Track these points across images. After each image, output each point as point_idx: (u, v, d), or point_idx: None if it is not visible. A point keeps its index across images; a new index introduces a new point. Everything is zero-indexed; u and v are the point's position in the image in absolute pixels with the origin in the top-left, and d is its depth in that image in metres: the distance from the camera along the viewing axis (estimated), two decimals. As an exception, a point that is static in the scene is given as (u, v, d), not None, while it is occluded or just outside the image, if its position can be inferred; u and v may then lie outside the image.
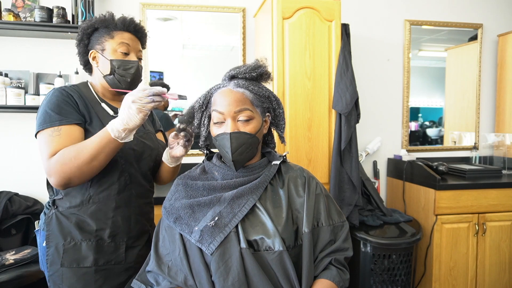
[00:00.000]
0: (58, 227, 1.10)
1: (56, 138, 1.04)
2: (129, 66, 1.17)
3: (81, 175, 1.02)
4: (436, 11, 2.67)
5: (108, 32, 1.17)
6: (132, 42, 1.20)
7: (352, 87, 1.96)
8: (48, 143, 1.03)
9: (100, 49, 1.17)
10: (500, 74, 2.72)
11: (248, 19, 2.40)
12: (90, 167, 1.02)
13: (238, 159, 0.93)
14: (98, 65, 1.19)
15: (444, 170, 2.26)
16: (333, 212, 1.00)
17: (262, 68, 1.00)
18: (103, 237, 1.12)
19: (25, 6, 2.11)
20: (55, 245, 1.10)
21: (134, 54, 1.20)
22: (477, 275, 2.17)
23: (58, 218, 1.11)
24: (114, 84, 1.17)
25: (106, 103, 1.19)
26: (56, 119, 1.05)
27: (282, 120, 1.05)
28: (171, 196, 0.99)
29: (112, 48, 1.16)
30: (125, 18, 1.20)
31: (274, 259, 0.85)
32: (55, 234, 1.10)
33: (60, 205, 1.12)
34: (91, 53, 1.19)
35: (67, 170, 1.00)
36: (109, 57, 1.16)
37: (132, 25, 1.20)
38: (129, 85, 1.18)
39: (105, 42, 1.17)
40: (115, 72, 1.16)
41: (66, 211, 1.11)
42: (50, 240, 1.11)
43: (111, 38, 1.17)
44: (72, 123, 1.07)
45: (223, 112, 0.93)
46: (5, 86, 1.98)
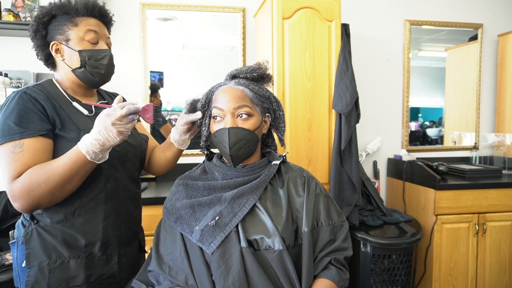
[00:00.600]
0: (40, 245, 0.96)
1: (18, 156, 0.89)
2: (101, 56, 1.04)
3: (52, 199, 0.92)
4: (436, 11, 2.67)
5: (69, 19, 1.01)
6: (100, 29, 1.05)
7: (352, 87, 1.96)
8: (10, 162, 0.89)
9: (64, 39, 1.01)
10: (500, 74, 2.72)
11: (248, 19, 2.40)
12: (63, 191, 0.92)
13: (236, 154, 0.93)
14: (64, 58, 1.03)
15: (444, 170, 2.26)
16: (333, 212, 1.00)
17: (263, 70, 1.01)
18: (93, 251, 1.00)
19: (25, 6, 2.11)
20: (38, 265, 0.96)
21: (104, 41, 1.06)
22: (477, 275, 2.17)
23: (40, 235, 0.97)
24: (85, 78, 1.04)
25: (78, 102, 1.05)
26: (16, 132, 0.90)
27: (282, 123, 1.05)
28: (171, 196, 0.99)
29: (78, 37, 1.01)
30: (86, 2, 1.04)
31: (274, 258, 0.85)
32: (37, 252, 0.96)
33: (40, 220, 0.98)
34: (53, 45, 1.02)
35: (35, 196, 0.88)
36: (77, 48, 1.01)
37: (97, 9, 1.05)
38: (103, 78, 1.06)
39: (68, 31, 1.01)
40: (86, 64, 1.02)
41: (49, 227, 0.97)
42: (32, 260, 0.96)
43: (74, 26, 1.01)
44: (36, 135, 0.92)
45: (222, 108, 0.94)
46: (5, 86, 1.98)
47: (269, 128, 1.07)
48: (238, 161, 0.96)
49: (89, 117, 1.05)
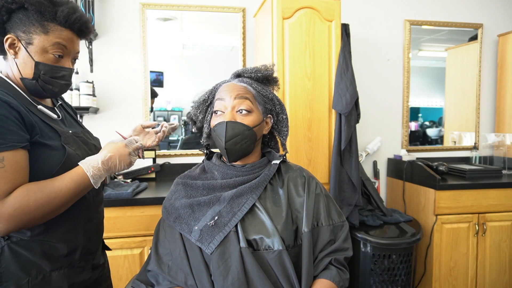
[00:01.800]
0: (15, 263, 0.86)
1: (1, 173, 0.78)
2: (60, 74, 0.92)
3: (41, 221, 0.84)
4: (436, 11, 2.67)
5: (41, 21, 0.87)
6: (71, 44, 0.93)
7: (352, 87, 1.96)
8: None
9: (25, 39, 0.87)
10: (500, 74, 2.72)
11: (248, 19, 2.40)
12: (57, 213, 0.86)
13: (232, 148, 0.93)
14: (16, 58, 0.89)
15: (444, 170, 2.26)
16: (333, 212, 1.00)
17: (268, 72, 1.02)
18: (74, 259, 0.95)
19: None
20: (15, 284, 0.85)
21: (70, 58, 0.95)
22: (477, 275, 2.17)
23: (13, 251, 0.86)
24: (34, 90, 0.91)
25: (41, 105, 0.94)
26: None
27: (285, 127, 1.05)
28: (171, 195, 0.99)
29: (42, 47, 0.88)
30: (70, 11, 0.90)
31: (274, 258, 0.85)
32: (12, 271, 0.85)
33: (15, 235, 0.87)
34: (9, 38, 0.88)
35: (28, 219, 0.81)
36: (36, 57, 0.88)
37: (78, 24, 0.92)
38: (54, 95, 0.96)
39: (33, 34, 0.87)
40: (40, 78, 0.90)
41: (25, 241, 0.87)
42: (5, 280, 0.85)
43: (43, 33, 0.87)
44: (16, 147, 0.81)
45: (224, 102, 0.95)
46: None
47: (272, 131, 1.07)
48: (233, 156, 0.95)
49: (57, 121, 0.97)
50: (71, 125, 1.04)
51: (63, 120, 1.01)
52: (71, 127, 1.02)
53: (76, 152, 0.93)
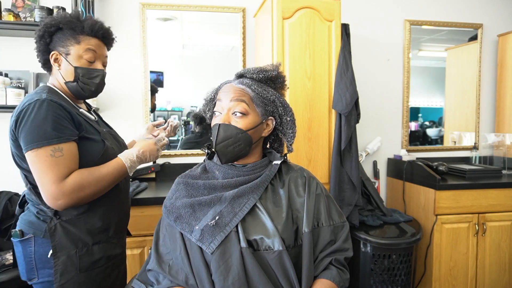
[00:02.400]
0: (67, 237, 1.08)
1: (60, 160, 1.00)
2: (94, 75, 1.15)
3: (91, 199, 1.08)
4: (436, 11, 2.67)
5: (73, 35, 1.11)
6: (99, 49, 1.17)
7: (352, 87, 1.96)
8: (53, 165, 0.99)
9: (64, 52, 1.12)
10: (500, 74, 2.72)
11: (248, 19, 2.40)
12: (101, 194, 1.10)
13: (223, 150, 0.93)
14: (60, 69, 1.13)
15: (444, 170, 2.26)
16: (334, 212, 1.00)
17: (270, 72, 1.00)
18: (110, 234, 1.17)
19: (25, 6, 2.11)
20: (66, 254, 1.08)
21: (100, 61, 1.18)
22: (477, 275, 2.17)
23: (64, 228, 1.08)
24: (76, 91, 1.15)
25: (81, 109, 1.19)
26: (54, 136, 1.00)
27: (290, 129, 1.02)
28: (171, 195, 0.99)
29: (78, 54, 1.12)
30: (94, 23, 1.14)
31: (274, 258, 0.85)
32: (63, 243, 1.08)
33: (64, 214, 1.09)
34: (53, 55, 1.13)
35: (82, 197, 1.04)
36: (74, 64, 1.12)
37: (101, 32, 1.16)
38: (92, 94, 1.18)
39: (70, 46, 1.11)
40: (79, 80, 1.13)
41: (73, 219, 1.10)
42: (59, 250, 1.07)
43: (77, 43, 1.11)
44: (70, 140, 1.04)
45: (221, 104, 0.96)
46: (5, 86, 1.98)
47: (276, 133, 1.06)
48: (225, 158, 0.95)
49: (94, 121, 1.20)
50: (103, 125, 1.30)
51: (98, 121, 1.25)
52: (104, 127, 1.27)
53: (112, 146, 1.17)
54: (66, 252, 1.08)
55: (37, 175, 1.01)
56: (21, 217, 1.15)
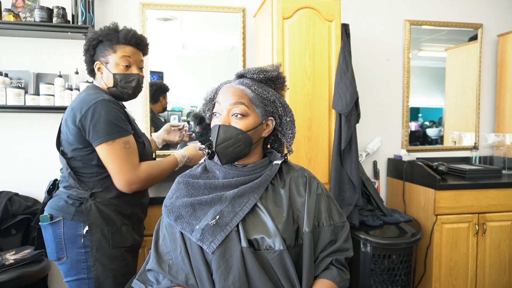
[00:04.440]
0: (100, 216, 1.22)
1: (131, 151, 1.21)
2: (131, 79, 1.30)
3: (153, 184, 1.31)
4: (436, 11, 2.67)
5: (111, 45, 1.26)
6: (133, 55, 1.30)
7: (352, 87, 1.96)
8: (129, 155, 1.20)
9: (104, 61, 1.28)
10: (500, 74, 2.72)
11: (248, 19, 2.40)
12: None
13: (223, 152, 0.93)
14: (102, 76, 1.30)
15: (444, 170, 2.26)
16: (334, 212, 1.00)
17: (270, 73, 0.99)
18: (135, 220, 1.33)
19: (25, 6, 2.11)
20: (100, 231, 1.22)
21: (135, 66, 1.31)
22: (477, 275, 2.17)
23: (98, 208, 1.22)
24: (117, 94, 1.31)
25: None
26: (121, 130, 1.19)
27: (289, 130, 1.02)
28: (172, 194, 0.99)
29: (115, 62, 1.27)
30: (127, 32, 1.28)
31: (275, 258, 0.85)
32: (98, 221, 1.22)
33: (99, 196, 1.24)
34: (96, 64, 1.29)
35: (149, 184, 1.27)
36: (112, 71, 1.27)
37: (134, 39, 1.29)
38: (130, 96, 1.34)
39: (108, 56, 1.27)
40: (118, 85, 1.28)
41: (106, 201, 1.24)
42: (93, 228, 1.21)
43: (113, 52, 1.26)
44: (131, 133, 1.23)
45: (220, 105, 0.96)
46: (5, 86, 1.98)
47: (276, 133, 1.06)
48: (225, 159, 0.95)
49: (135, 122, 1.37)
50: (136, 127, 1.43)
51: None
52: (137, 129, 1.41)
53: (148, 145, 1.36)
54: (100, 229, 1.22)
55: (114, 164, 1.18)
56: (49, 203, 1.28)
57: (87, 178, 1.25)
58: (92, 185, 1.24)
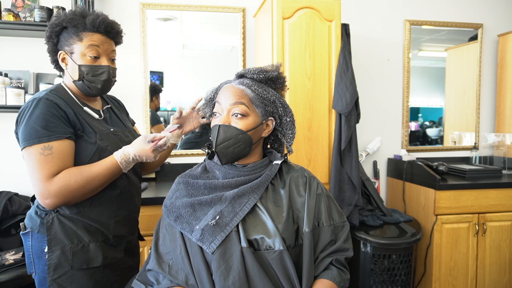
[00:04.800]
0: (62, 231, 1.07)
1: (49, 158, 1.00)
2: (99, 72, 1.12)
3: (81, 199, 1.06)
4: (436, 11, 2.67)
5: (76, 32, 1.09)
6: (103, 44, 1.13)
7: (352, 87, 1.96)
8: (41, 164, 0.99)
9: (69, 51, 1.11)
10: (500, 74, 2.72)
11: (248, 19, 2.40)
12: (93, 194, 1.08)
13: (223, 152, 0.93)
14: (67, 68, 1.13)
15: (444, 170, 2.26)
16: (334, 212, 1.00)
17: (270, 73, 0.99)
18: (109, 236, 1.13)
19: (25, 6, 2.11)
20: (60, 249, 1.07)
21: (106, 57, 1.14)
22: (477, 275, 2.17)
23: (61, 222, 1.08)
24: (83, 89, 1.14)
25: (87, 107, 1.16)
26: (44, 135, 1.00)
27: (290, 130, 1.02)
28: (172, 194, 0.99)
29: (81, 52, 1.10)
30: (95, 17, 1.10)
31: (275, 258, 0.85)
32: (59, 237, 1.07)
33: (63, 208, 1.09)
34: (60, 54, 1.13)
35: (70, 196, 1.02)
36: (78, 62, 1.10)
37: (103, 26, 1.11)
38: (99, 91, 1.15)
39: (73, 44, 1.10)
40: (84, 78, 1.11)
41: (70, 215, 1.09)
42: (53, 244, 1.07)
43: (79, 40, 1.09)
44: (62, 137, 1.03)
45: (220, 105, 0.96)
46: (5, 86, 1.98)
47: (276, 134, 1.06)
48: (225, 159, 0.95)
49: (99, 120, 1.17)
50: (115, 124, 1.25)
51: (107, 119, 1.21)
52: (114, 126, 1.22)
53: (108, 148, 1.12)
54: (61, 247, 1.07)
55: (29, 173, 1.02)
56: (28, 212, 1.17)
57: None
58: None
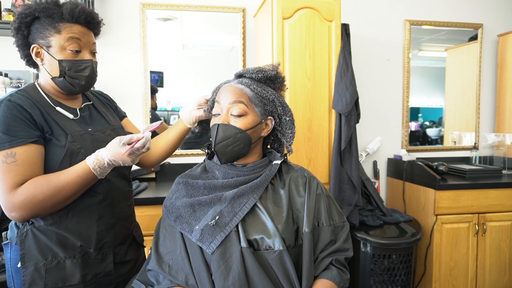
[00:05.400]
0: (36, 245, 0.97)
1: (12, 166, 0.89)
2: (82, 67, 1.01)
3: (53, 210, 0.94)
4: (436, 11, 2.67)
5: (52, 24, 0.97)
6: (84, 37, 1.01)
7: (352, 87, 1.96)
8: (4, 173, 0.89)
9: (45, 44, 0.98)
10: (500, 74, 2.72)
11: (248, 19, 2.40)
12: (66, 203, 0.95)
13: (223, 151, 0.93)
14: (43, 63, 1.01)
15: (444, 170, 2.26)
16: (334, 212, 1.00)
17: (269, 72, 0.99)
18: (89, 251, 1.01)
19: (25, 6, 2.11)
20: (34, 265, 0.96)
21: (87, 50, 1.03)
22: (477, 275, 2.17)
23: (35, 235, 0.97)
24: (65, 87, 1.02)
25: (61, 106, 1.04)
26: (5, 141, 0.89)
27: (289, 129, 1.02)
28: (171, 194, 0.99)
29: (60, 45, 0.98)
30: (73, 6, 0.99)
31: (274, 258, 0.85)
32: (32, 253, 0.97)
33: (34, 221, 0.98)
34: (34, 48, 1.00)
35: (37, 208, 0.90)
36: (58, 57, 0.98)
37: (83, 16, 1.00)
38: (82, 88, 1.04)
39: (50, 37, 0.98)
40: (66, 74, 1.00)
41: (44, 227, 0.98)
42: (27, 260, 0.97)
43: (57, 33, 0.97)
44: (26, 142, 0.91)
45: (219, 104, 0.96)
46: (5, 86, 1.98)
47: (275, 133, 1.06)
48: (225, 158, 0.95)
49: (74, 120, 1.05)
50: (96, 123, 1.11)
51: (85, 119, 1.08)
52: (93, 125, 1.09)
53: (81, 150, 0.99)
54: (34, 263, 0.97)
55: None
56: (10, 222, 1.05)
57: None
58: None
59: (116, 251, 1.08)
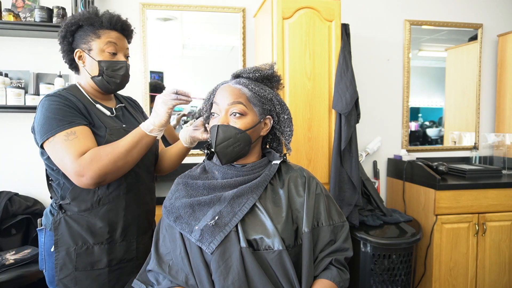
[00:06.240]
0: (68, 232, 1.09)
1: (75, 141, 0.99)
2: (118, 67, 1.16)
3: (116, 170, 1.02)
4: (436, 11, 2.67)
5: (93, 30, 1.13)
6: (120, 41, 1.17)
7: (352, 87, 1.96)
8: (69, 146, 0.98)
9: (87, 48, 1.13)
10: (500, 74, 2.72)
11: (248, 19, 2.40)
12: (125, 162, 1.03)
13: (223, 151, 0.93)
14: (85, 65, 1.15)
15: (444, 170, 2.26)
16: (334, 212, 1.00)
17: (266, 71, 1.00)
18: (115, 237, 1.12)
19: (25, 6, 2.11)
20: (65, 250, 1.08)
21: (122, 53, 1.18)
22: (477, 275, 2.17)
23: (67, 223, 1.09)
24: (102, 85, 1.15)
25: (100, 104, 1.17)
26: (65, 123, 1.01)
27: (287, 127, 1.03)
28: (171, 195, 0.99)
29: (99, 48, 1.13)
30: (111, 16, 1.15)
31: (274, 258, 0.85)
32: (65, 239, 1.09)
33: (68, 209, 1.10)
34: (77, 52, 1.15)
35: (102, 166, 0.99)
36: (97, 58, 1.13)
37: (119, 24, 1.16)
38: (118, 86, 1.18)
39: (91, 42, 1.13)
40: (104, 73, 1.14)
41: (75, 215, 1.09)
42: (60, 245, 1.09)
43: (97, 38, 1.13)
44: (83, 124, 1.04)
45: (218, 105, 0.96)
46: (5, 86, 1.99)
47: (274, 132, 1.06)
48: (225, 159, 0.95)
49: (111, 117, 1.17)
50: (128, 122, 1.24)
51: (119, 117, 1.22)
52: (127, 124, 1.22)
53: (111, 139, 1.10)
54: (66, 247, 1.08)
55: (58, 161, 1.01)
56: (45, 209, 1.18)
57: (56, 187, 1.11)
58: (61, 196, 1.10)
59: (139, 240, 1.19)
